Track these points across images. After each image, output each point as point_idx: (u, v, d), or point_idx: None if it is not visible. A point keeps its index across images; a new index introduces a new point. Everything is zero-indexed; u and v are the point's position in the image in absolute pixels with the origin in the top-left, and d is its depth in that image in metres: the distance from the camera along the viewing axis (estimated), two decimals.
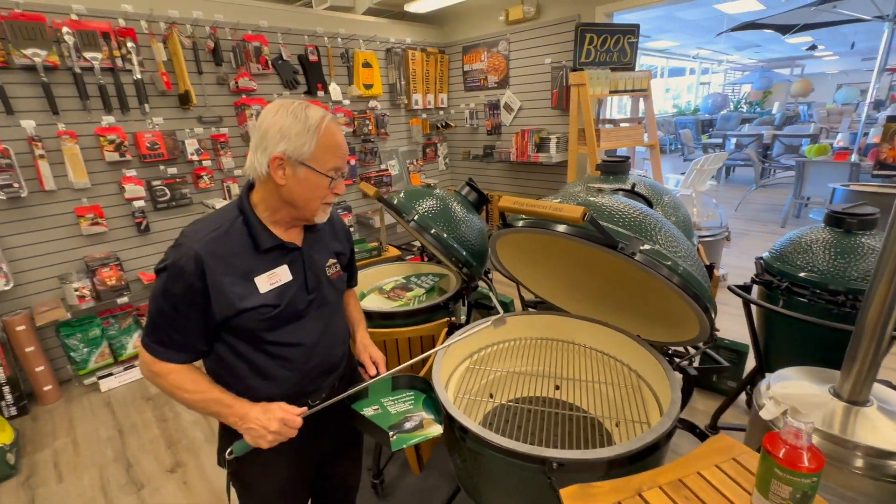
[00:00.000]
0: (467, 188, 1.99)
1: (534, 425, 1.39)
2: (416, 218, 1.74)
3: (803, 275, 1.60)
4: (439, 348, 1.25)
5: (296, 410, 0.94)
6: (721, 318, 1.13)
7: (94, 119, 2.68)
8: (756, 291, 1.82)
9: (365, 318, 1.33)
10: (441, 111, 4.78)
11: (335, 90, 3.77)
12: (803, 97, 13.03)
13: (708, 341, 1.22)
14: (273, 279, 0.95)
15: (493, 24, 4.19)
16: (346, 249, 1.17)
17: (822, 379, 1.22)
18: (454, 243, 1.71)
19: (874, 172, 3.95)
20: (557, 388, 1.55)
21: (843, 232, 1.59)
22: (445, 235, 1.71)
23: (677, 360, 1.30)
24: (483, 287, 2.15)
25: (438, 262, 2.25)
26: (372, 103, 4.12)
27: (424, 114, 4.62)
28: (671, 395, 1.12)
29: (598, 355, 1.53)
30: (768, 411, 0.99)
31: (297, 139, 0.88)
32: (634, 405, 1.31)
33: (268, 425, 0.89)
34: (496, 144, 4.50)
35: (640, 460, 0.96)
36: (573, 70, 3.43)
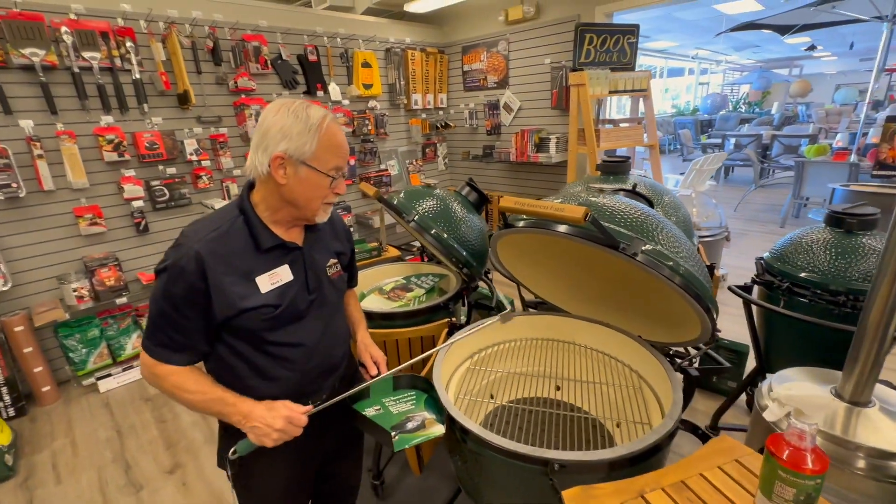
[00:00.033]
0: (467, 188, 1.98)
1: (535, 426, 1.38)
2: (416, 218, 1.74)
3: (804, 275, 1.60)
4: (445, 345, 1.23)
5: (301, 409, 0.93)
6: (721, 318, 1.13)
7: (93, 119, 2.67)
8: (756, 292, 1.82)
9: (365, 318, 1.32)
10: (440, 111, 4.78)
11: (334, 90, 3.76)
12: (802, 97, 13.06)
13: (709, 342, 1.22)
14: (274, 279, 0.95)
15: (493, 24, 4.19)
16: (346, 249, 1.16)
17: (823, 379, 1.22)
18: (454, 243, 1.71)
19: (873, 173, 3.96)
20: (558, 389, 1.54)
21: (843, 232, 1.58)
22: (446, 236, 1.71)
23: (679, 360, 1.29)
24: (483, 287, 2.14)
25: (438, 262, 2.24)
26: (371, 103, 4.12)
27: (424, 114, 4.62)
28: (673, 395, 1.11)
29: (598, 356, 1.53)
30: (772, 413, 0.98)
31: (299, 138, 0.88)
32: (636, 406, 1.30)
33: (273, 423, 0.88)
34: (496, 144, 4.50)
35: (642, 461, 0.96)
36: (573, 70, 3.43)
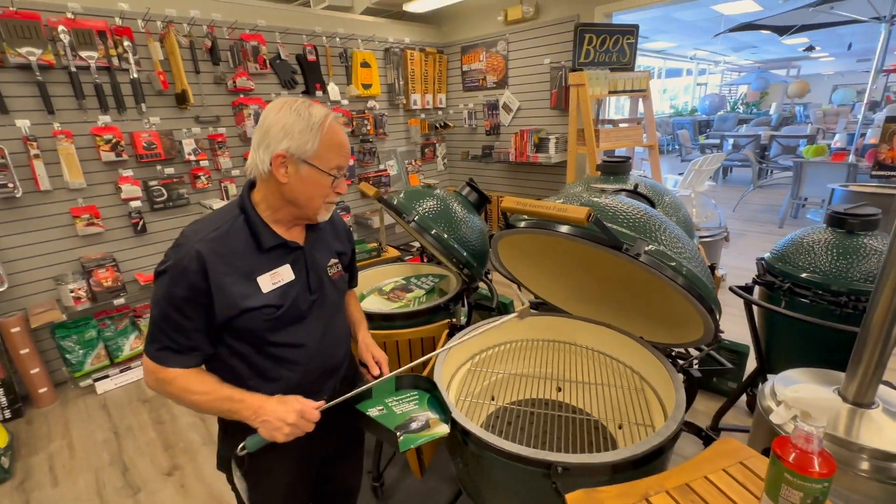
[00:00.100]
0: (468, 188, 1.97)
1: (536, 428, 1.37)
2: (416, 218, 1.73)
3: (805, 275, 1.59)
4: (456, 342, 1.19)
5: (313, 404, 0.92)
6: (721, 318, 1.12)
7: (90, 118, 2.65)
8: (757, 292, 1.82)
9: (365, 319, 1.32)
10: (439, 111, 4.77)
11: (333, 90, 3.75)
12: (800, 98, 13.09)
13: (712, 343, 1.21)
14: (275, 279, 0.94)
15: (492, 25, 4.18)
16: (347, 249, 1.16)
17: (825, 380, 1.21)
18: (455, 244, 1.70)
19: (873, 173, 3.96)
20: (559, 391, 1.53)
21: (845, 232, 1.58)
22: (446, 236, 1.70)
23: (681, 361, 1.29)
24: (483, 288, 2.13)
25: (438, 262, 2.23)
26: (370, 103, 4.10)
27: (423, 114, 4.61)
28: (675, 397, 1.11)
29: (600, 357, 1.52)
30: (778, 415, 0.98)
31: (300, 137, 0.87)
32: (638, 407, 1.30)
33: (285, 417, 0.87)
34: (495, 145, 4.49)
35: (646, 464, 0.95)
36: (572, 70, 3.43)
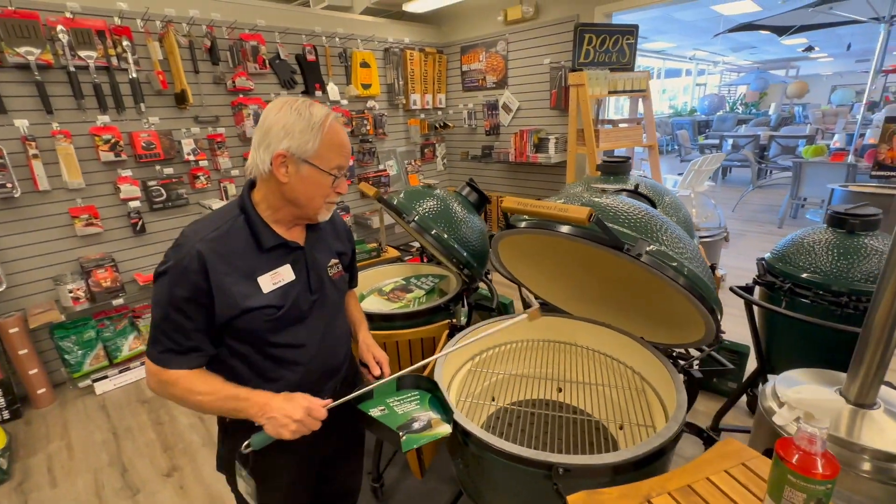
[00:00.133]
0: (468, 188, 1.97)
1: (537, 429, 1.37)
2: (416, 219, 1.72)
3: (806, 276, 1.59)
4: (468, 341, 1.18)
5: (320, 402, 0.91)
6: (721, 319, 1.12)
7: (89, 118, 2.64)
8: (757, 292, 1.81)
9: (366, 319, 1.31)
10: (439, 111, 4.76)
11: (333, 90, 3.74)
12: (799, 98, 13.11)
13: (713, 343, 1.21)
14: (276, 279, 0.94)
15: (492, 25, 4.18)
16: (347, 249, 1.15)
17: (826, 381, 1.21)
18: (455, 244, 1.69)
19: (872, 173, 3.96)
20: (560, 391, 1.53)
21: (845, 233, 1.58)
22: (446, 236, 1.69)
23: (681, 362, 1.28)
24: (483, 288, 2.13)
25: (438, 263, 2.23)
26: (370, 103, 4.10)
27: (422, 114, 4.60)
28: (677, 398, 1.10)
29: (600, 357, 1.52)
30: (781, 416, 0.97)
31: (301, 136, 0.87)
32: (638, 408, 1.29)
33: (292, 414, 0.86)
34: (494, 145, 4.49)
35: (647, 465, 0.95)
36: (572, 70, 3.43)
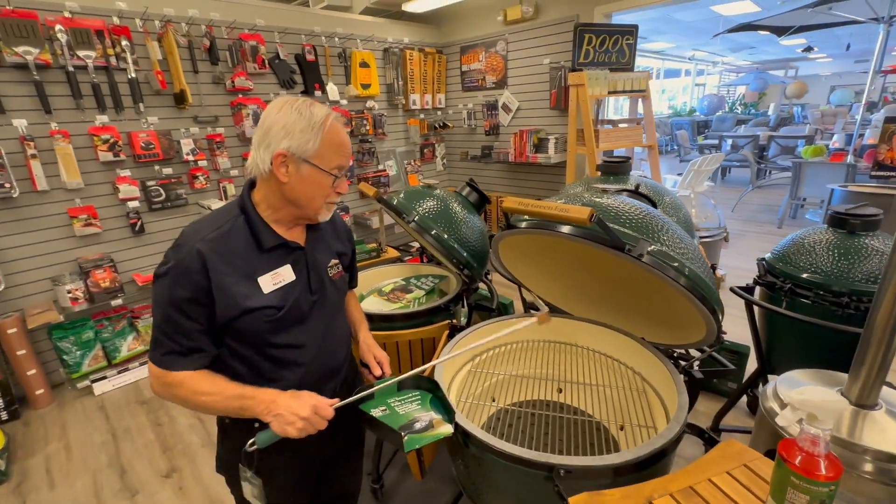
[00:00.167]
0: (468, 188, 1.96)
1: (537, 429, 1.36)
2: (416, 219, 1.72)
3: (806, 276, 1.59)
4: (471, 347, 1.17)
5: (327, 401, 0.91)
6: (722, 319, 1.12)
7: (88, 118, 2.63)
8: (757, 292, 1.81)
9: (366, 319, 1.31)
10: (439, 111, 4.76)
11: (332, 90, 3.74)
12: (798, 99, 13.13)
13: (714, 344, 1.20)
14: (276, 279, 0.93)
15: (492, 25, 4.17)
16: (347, 250, 1.15)
17: (827, 382, 1.21)
18: (455, 244, 1.69)
19: (872, 173, 3.97)
20: (560, 392, 1.53)
21: (846, 233, 1.58)
22: (446, 236, 1.69)
23: (682, 363, 1.28)
24: (483, 289, 2.12)
25: (438, 263, 2.22)
26: (369, 103, 4.10)
27: (422, 114, 4.60)
28: (678, 398, 1.10)
29: (601, 358, 1.52)
30: (784, 418, 0.97)
31: (302, 136, 0.87)
32: (639, 409, 1.29)
33: (299, 411, 0.86)
34: (494, 145, 4.49)
35: (649, 466, 0.94)
36: (572, 70, 3.42)
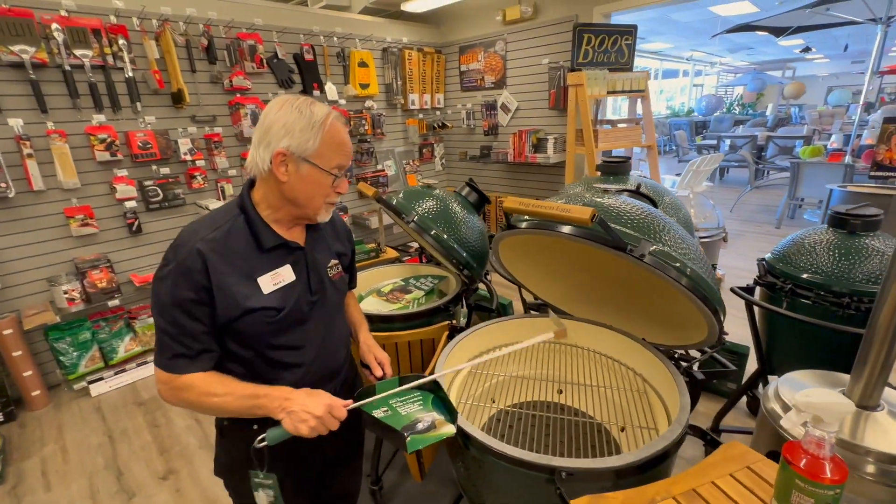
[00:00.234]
0: (467, 189, 1.96)
1: (537, 431, 1.36)
2: (415, 219, 1.71)
3: (807, 276, 1.58)
4: (483, 360, 1.13)
5: (341, 402, 0.91)
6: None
7: (85, 118, 2.62)
8: (758, 293, 1.81)
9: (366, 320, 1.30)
10: (437, 111, 4.75)
11: (331, 90, 3.72)
12: (795, 99, 13.18)
13: (716, 344, 1.20)
14: (276, 279, 0.92)
15: (491, 24, 4.17)
16: (347, 250, 1.14)
17: (829, 383, 1.20)
18: (455, 244, 1.68)
19: (871, 174, 3.98)
20: (560, 393, 1.52)
21: (846, 233, 1.57)
22: (446, 237, 1.68)
23: (683, 363, 1.27)
24: (483, 289, 2.11)
25: (437, 263, 2.21)
26: (368, 103, 4.08)
27: (421, 114, 4.59)
28: (679, 400, 1.09)
29: (601, 359, 1.51)
30: (789, 420, 0.96)
31: (302, 135, 0.86)
32: (640, 410, 1.28)
33: (313, 409, 0.85)
34: (493, 145, 4.48)
35: (651, 469, 0.93)
36: (571, 70, 3.42)
